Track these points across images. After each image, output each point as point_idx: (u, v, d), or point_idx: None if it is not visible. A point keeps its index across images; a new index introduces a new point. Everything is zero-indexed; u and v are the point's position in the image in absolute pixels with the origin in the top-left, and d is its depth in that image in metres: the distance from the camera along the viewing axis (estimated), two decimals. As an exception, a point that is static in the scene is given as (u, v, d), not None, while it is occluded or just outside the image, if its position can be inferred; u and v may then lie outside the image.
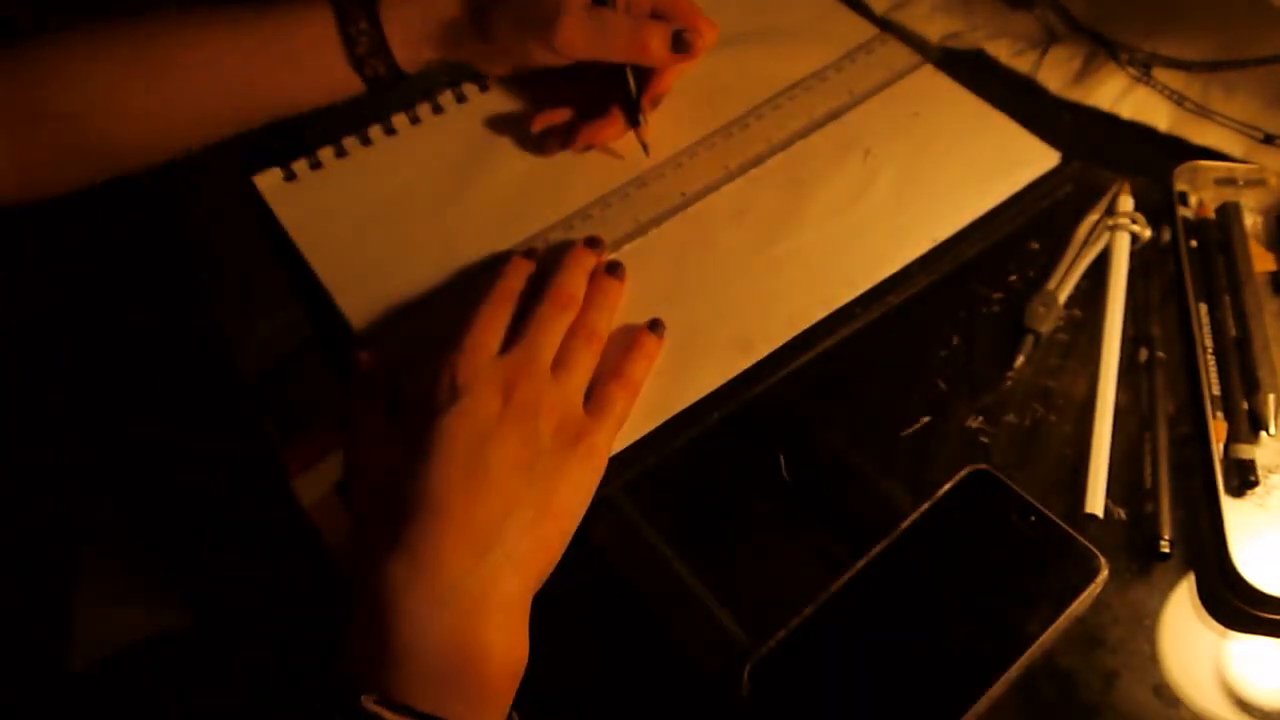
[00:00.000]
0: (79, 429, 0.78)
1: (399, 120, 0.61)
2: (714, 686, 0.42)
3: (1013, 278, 0.54)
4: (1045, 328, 0.51)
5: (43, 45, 0.51)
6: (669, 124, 0.59)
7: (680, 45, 0.53)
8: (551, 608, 0.48)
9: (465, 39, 0.55)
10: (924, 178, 0.57)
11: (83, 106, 0.52)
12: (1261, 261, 0.52)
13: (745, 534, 0.47)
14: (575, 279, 0.50)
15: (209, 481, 0.87)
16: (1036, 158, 0.58)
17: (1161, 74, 0.61)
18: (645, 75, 0.56)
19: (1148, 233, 0.54)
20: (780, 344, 0.51)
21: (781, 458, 0.48)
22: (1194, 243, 0.54)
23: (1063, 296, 0.52)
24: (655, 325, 0.51)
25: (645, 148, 0.58)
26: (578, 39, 0.52)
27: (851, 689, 0.40)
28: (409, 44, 0.55)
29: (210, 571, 0.90)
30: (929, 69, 0.63)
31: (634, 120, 0.57)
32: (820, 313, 0.52)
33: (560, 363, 0.47)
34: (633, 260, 0.53)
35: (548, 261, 0.52)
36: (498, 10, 0.54)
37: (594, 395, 0.47)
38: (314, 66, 0.54)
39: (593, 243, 0.53)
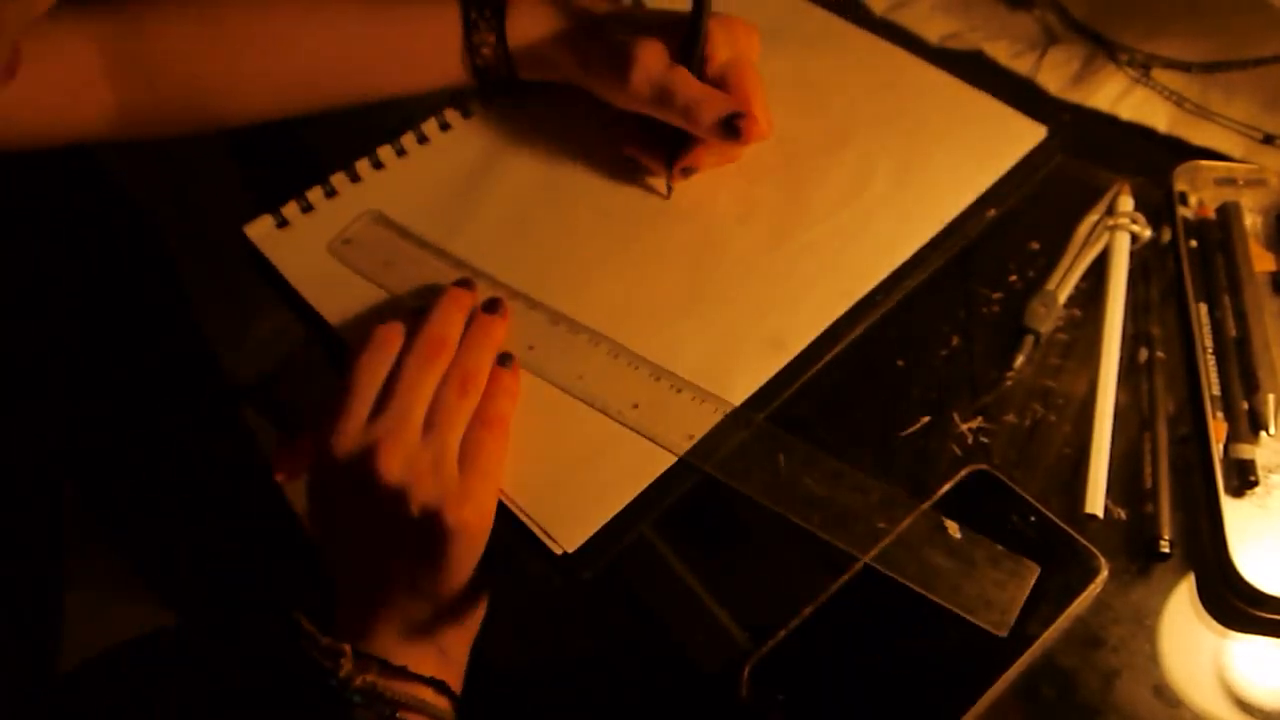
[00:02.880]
0: (69, 431, 0.78)
1: (384, 153, 0.59)
2: (714, 686, 0.42)
3: (1013, 278, 0.54)
4: (1045, 328, 0.51)
5: (164, 9, 0.54)
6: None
7: (730, 130, 0.51)
8: (552, 609, 0.48)
9: (570, 64, 0.56)
10: (919, 164, 0.58)
11: (201, 73, 0.54)
12: (1261, 261, 0.52)
13: (745, 534, 0.47)
14: (447, 320, 0.48)
15: (204, 484, 0.87)
16: (1024, 133, 0.59)
17: (1161, 75, 0.61)
18: (687, 142, 0.55)
19: (1148, 233, 0.54)
20: (812, 338, 0.51)
21: (781, 458, 0.48)
22: (1194, 243, 0.54)
23: (1063, 296, 0.52)
24: (505, 359, 0.49)
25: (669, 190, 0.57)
26: (644, 90, 0.53)
27: (851, 689, 0.40)
28: (528, 62, 0.57)
29: (202, 573, 0.90)
30: (914, 60, 0.63)
31: (667, 185, 0.57)
32: (844, 304, 0.52)
33: (431, 422, 0.45)
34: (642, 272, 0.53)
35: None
36: (597, 46, 0.55)
37: (464, 446, 0.45)
38: (433, 65, 0.57)
39: (465, 283, 0.51)
